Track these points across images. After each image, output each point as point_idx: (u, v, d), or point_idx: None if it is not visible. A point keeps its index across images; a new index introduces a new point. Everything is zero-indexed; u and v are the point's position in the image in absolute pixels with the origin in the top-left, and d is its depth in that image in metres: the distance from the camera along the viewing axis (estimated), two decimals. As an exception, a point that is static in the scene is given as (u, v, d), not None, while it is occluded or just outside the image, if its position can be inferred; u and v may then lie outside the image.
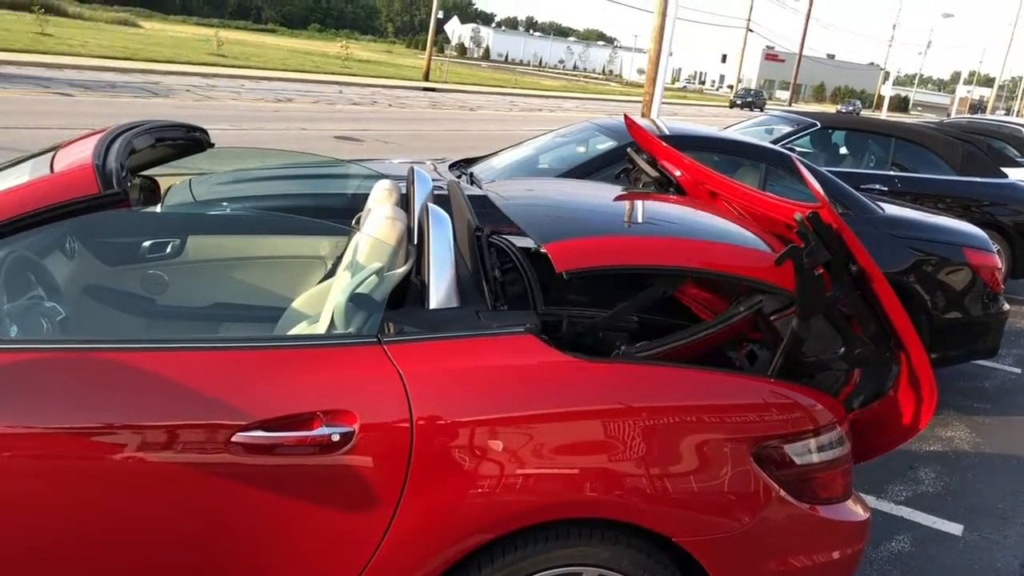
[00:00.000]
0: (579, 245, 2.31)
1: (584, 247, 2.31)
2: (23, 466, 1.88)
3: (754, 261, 2.42)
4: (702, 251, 2.42)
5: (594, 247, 2.32)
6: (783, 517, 2.21)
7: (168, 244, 3.38)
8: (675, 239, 2.48)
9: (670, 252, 2.37)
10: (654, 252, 2.36)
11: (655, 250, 2.37)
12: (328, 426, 1.97)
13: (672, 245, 2.42)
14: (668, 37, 13.09)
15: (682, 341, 2.45)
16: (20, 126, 11.44)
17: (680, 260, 2.35)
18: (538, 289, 2.63)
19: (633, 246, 2.38)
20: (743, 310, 2.55)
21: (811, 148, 8.61)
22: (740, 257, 2.43)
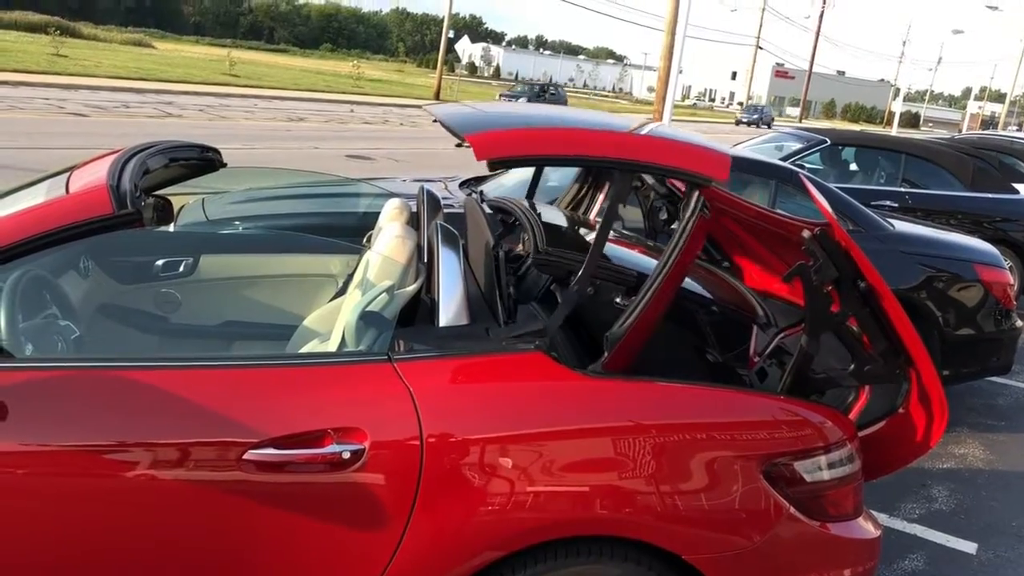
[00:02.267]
0: (500, 135, 2.27)
1: (505, 137, 2.27)
2: (38, 483, 1.90)
3: (679, 153, 2.37)
4: (625, 143, 2.38)
5: (515, 137, 2.28)
6: (793, 535, 2.20)
7: (181, 263, 3.41)
8: (601, 131, 2.44)
9: (594, 143, 2.33)
10: (578, 143, 2.31)
11: (579, 141, 2.33)
12: (339, 444, 1.98)
13: (597, 137, 2.38)
14: (678, 55, 13.14)
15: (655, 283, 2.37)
16: (36, 146, 11.56)
17: (602, 151, 2.30)
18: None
19: (556, 137, 2.34)
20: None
21: (821, 165, 8.61)
22: (665, 149, 2.38)
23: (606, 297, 2.99)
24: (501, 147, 2.17)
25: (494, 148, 2.14)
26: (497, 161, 2.14)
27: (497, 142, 2.19)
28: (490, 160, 2.13)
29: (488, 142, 2.16)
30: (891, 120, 58.38)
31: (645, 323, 2.22)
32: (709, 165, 2.32)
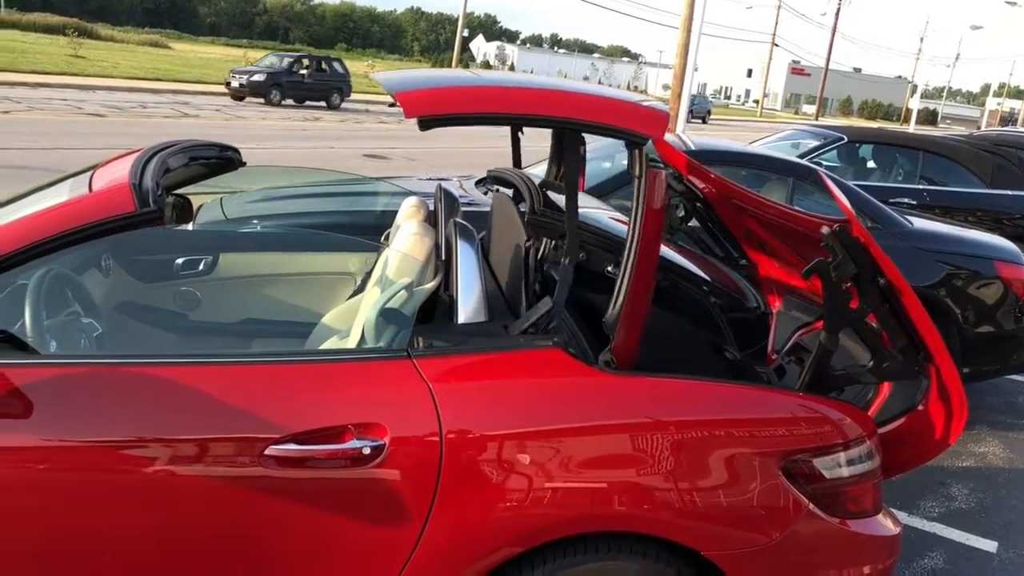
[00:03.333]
0: (429, 93, 2.24)
1: (434, 95, 2.23)
2: (62, 479, 1.92)
3: (613, 110, 2.32)
4: (557, 99, 2.33)
5: (444, 95, 2.24)
6: (813, 531, 2.20)
7: (201, 261, 3.44)
8: (533, 88, 2.40)
9: (525, 100, 2.29)
10: (509, 101, 2.27)
11: (510, 99, 2.29)
12: (359, 439, 1.99)
13: (529, 94, 2.34)
14: (693, 52, 13.11)
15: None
16: (55, 147, 11.66)
17: (534, 109, 2.25)
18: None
19: (487, 95, 2.30)
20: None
21: (838, 162, 8.56)
22: (598, 106, 2.32)
23: (598, 266, 2.99)
24: (430, 105, 2.12)
25: (423, 106, 2.10)
26: (427, 119, 2.08)
27: (426, 100, 2.15)
28: (419, 119, 2.08)
29: (416, 100, 2.12)
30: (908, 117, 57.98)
31: (637, 300, 2.19)
32: (644, 122, 2.25)
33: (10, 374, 1.94)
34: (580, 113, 2.24)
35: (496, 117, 2.20)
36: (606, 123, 2.23)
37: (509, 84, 2.40)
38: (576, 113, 2.23)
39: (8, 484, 1.90)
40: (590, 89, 2.46)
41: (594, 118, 2.23)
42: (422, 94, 2.19)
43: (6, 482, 1.90)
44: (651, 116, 2.29)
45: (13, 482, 1.91)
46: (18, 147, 11.31)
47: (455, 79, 2.43)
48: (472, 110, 2.17)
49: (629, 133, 2.22)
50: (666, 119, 2.30)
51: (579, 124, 2.24)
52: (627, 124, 2.23)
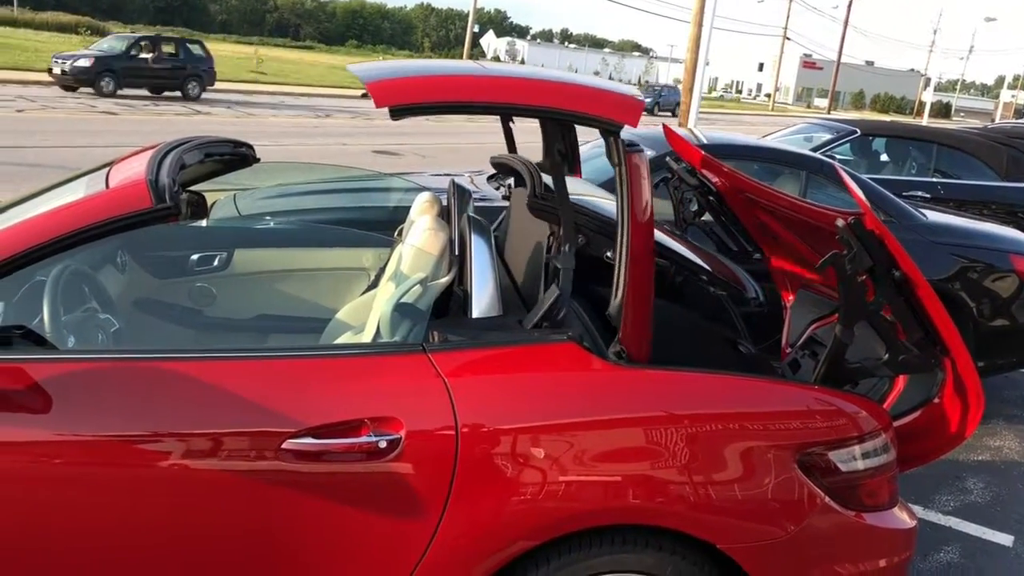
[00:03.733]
0: (399, 82, 2.22)
1: (404, 84, 2.22)
2: (81, 473, 1.93)
3: (586, 98, 2.29)
4: (528, 88, 2.30)
5: (414, 84, 2.23)
6: (828, 524, 2.20)
7: (215, 257, 3.46)
8: (502, 77, 2.38)
9: (496, 89, 2.27)
10: (480, 89, 2.26)
11: (482, 87, 2.27)
12: (375, 433, 2.00)
13: (500, 83, 2.32)
14: (704, 47, 13.07)
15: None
16: (69, 145, 11.73)
17: (506, 98, 2.23)
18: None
19: (458, 83, 2.29)
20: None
21: (851, 156, 8.53)
22: (571, 94, 2.29)
23: (597, 252, 2.98)
24: (400, 94, 2.11)
25: (392, 95, 2.09)
26: (397, 109, 2.07)
27: (395, 89, 2.14)
28: (390, 108, 2.07)
29: (386, 89, 2.11)
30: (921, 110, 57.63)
31: (637, 288, 2.18)
32: (618, 110, 2.23)
33: (29, 369, 1.96)
34: (551, 101, 2.22)
35: (467, 106, 2.19)
36: (578, 111, 2.21)
37: (481, 73, 2.39)
38: (547, 101, 2.22)
39: (27, 478, 1.92)
40: (564, 77, 2.43)
41: (566, 106, 2.21)
42: (392, 83, 2.17)
43: (25, 476, 1.92)
44: (624, 103, 2.26)
45: (32, 476, 1.92)
46: (33, 145, 11.38)
47: (427, 68, 2.42)
48: (443, 99, 2.16)
49: (602, 121, 2.20)
50: (640, 107, 2.27)
51: (551, 112, 2.23)
52: (599, 112, 2.21)
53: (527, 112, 2.22)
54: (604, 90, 2.36)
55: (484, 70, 2.43)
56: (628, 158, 2.21)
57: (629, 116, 2.22)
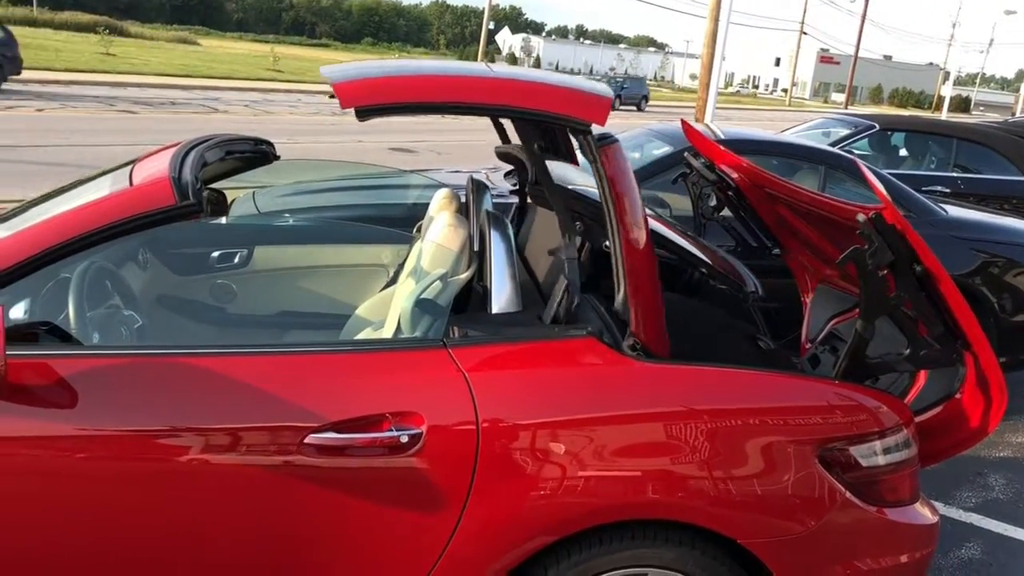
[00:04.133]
0: (364, 83, 2.23)
1: (369, 85, 2.22)
2: (107, 467, 1.95)
3: (552, 97, 2.27)
4: (493, 87, 2.30)
5: (380, 85, 2.23)
6: (850, 520, 2.20)
7: (236, 254, 3.48)
8: (467, 77, 2.37)
9: (462, 89, 2.27)
10: (445, 89, 2.25)
11: (446, 87, 2.27)
12: (397, 428, 2.01)
13: (464, 82, 2.32)
14: (721, 42, 13.01)
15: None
16: (89, 143, 11.82)
17: (471, 97, 2.23)
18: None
19: (423, 83, 2.29)
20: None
21: (870, 151, 8.47)
22: (537, 93, 2.29)
23: (597, 243, 2.98)
24: (365, 95, 2.12)
25: (358, 96, 2.09)
26: (363, 110, 2.07)
27: (361, 90, 2.14)
28: (356, 109, 2.08)
29: (352, 91, 2.12)
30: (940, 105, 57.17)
31: (639, 278, 2.18)
32: (585, 109, 2.21)
33: (55, 364, 1.98)
34: (517, 100, 2.22)
35: (433, 106, 2.20)
36: (543, 110, 2.21)
37: (447, 73, 2.38)
38: (512, 101, 2.22)
39: (52, 473, 1.94)
40: (531, 76, 2.43)
41: (531, 105, 2.21)
42: (357, 84, 2.18)
43: (50, 471, 1.94)
44: (591, 102, 2.25)
45: (57, 471, 1.94)
46: (53, 144, 11.48)
47: (395, 69, 2.43)
48: (408, 99, 2.17)
49: (568, 120, 2.20)
50: (608, 104, 2.25)
51: (516, 111, 2.23)
52: (565, 111, 2.21)
53: (492, 111, 2.24)
54: (570, 88, 2.35)
55: (451, 70, 2.44)
56: (602, 153, 2.21)
57: (595, 114, 2.21)
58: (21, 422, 1.92)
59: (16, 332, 2.00)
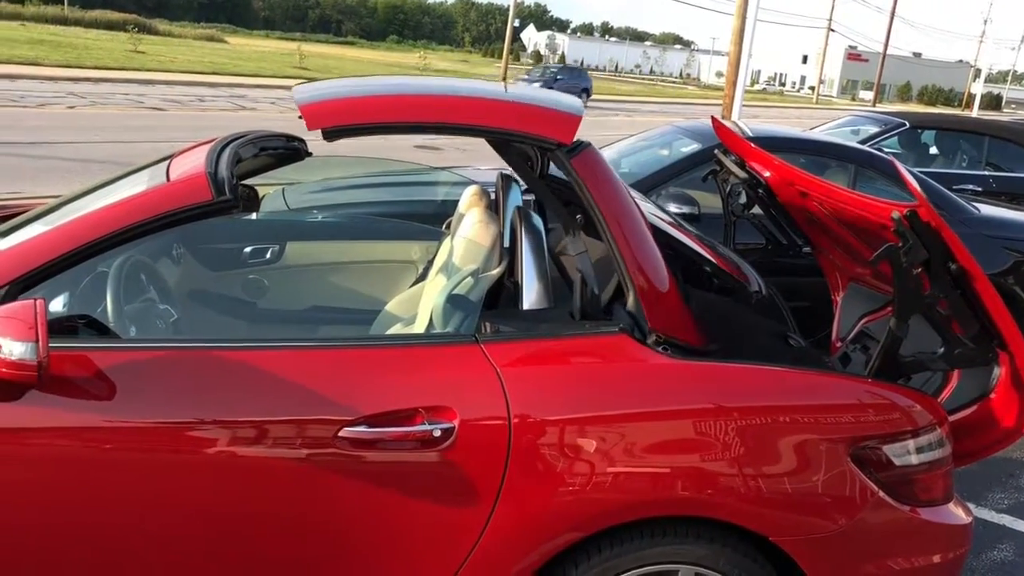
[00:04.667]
0: (329, 105, 2.25)
1: (334, 106, 2.25)
2: (144, 459, 1.98)
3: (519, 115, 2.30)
4: (461, 108, 2.32)
5: (345, 106, 2.26)
6: (882, 519, 2.18)
7: (268, 250, 3.51)
8: (437, 96, 2.39)
9: (428, 110, 2.29)
10: (412, 109, 2.28)
11: (413, 107, 2.29)
12: (430, 422, 2.03)
13: (432, 102, 2.34)
14: (748, 39, 12.93)
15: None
16: (119, 140, 11.96)
17: (437, 117, 2.25)
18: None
19: (389, 104, 2.31)
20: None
21: (899, 149, 8.40)
22: (503, 112, 2.31)
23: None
24: (331, 116, 2.14)
25: (324, 118, 2.12)
26: (330, 131, 2.10)
27: (326, 112, 2.17)
28: (323, 130, 2.10)
29: (318, 112, 2.14)
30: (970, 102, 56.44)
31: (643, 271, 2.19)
32: (550, 127, 2.23)
33: (93, 357, 2.01)
34: (485, 120, 2.26)
35: (399, 126, 2.23)
36: (511, 129, 2.25)
37: (413, 92, 2.42)
38: (480, 120, 2.26)
39: (90, 462, 1.97)
40: (498, 94, 2.45)
41: (499, 124, 2.25)
42: (323, 106, 2.22)
43: (88, 461, 1.97)
44: (557, 119, 2.27)
45: (95, 461, 1.97)
46: (83, 141, 11.62)
47: (361, 89, 2.45)
48: (375, 120, 2.21)
49: (532, 138, 2.23)
50: (577, 122, 2.26)
51: (484, 131, 2.27)
52: (529, 129, 2.23)
53: (458, 131, 2.27)
54: (535, 106, 2.36)
55: (418, 88, 2.46)
56: (574, 164, 2.22)
57: (561, 132, 2.23)
58: (62, 413, 1.95)
59: (56, 325, 2.03)
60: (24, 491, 1.96)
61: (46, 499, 1.97)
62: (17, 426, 1.94)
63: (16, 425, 1.94)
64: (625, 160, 5.60)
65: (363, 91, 2.39)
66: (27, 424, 1.94)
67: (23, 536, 1.99)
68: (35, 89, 17.63)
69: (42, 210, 2.55)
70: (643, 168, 5.18)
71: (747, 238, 3.92)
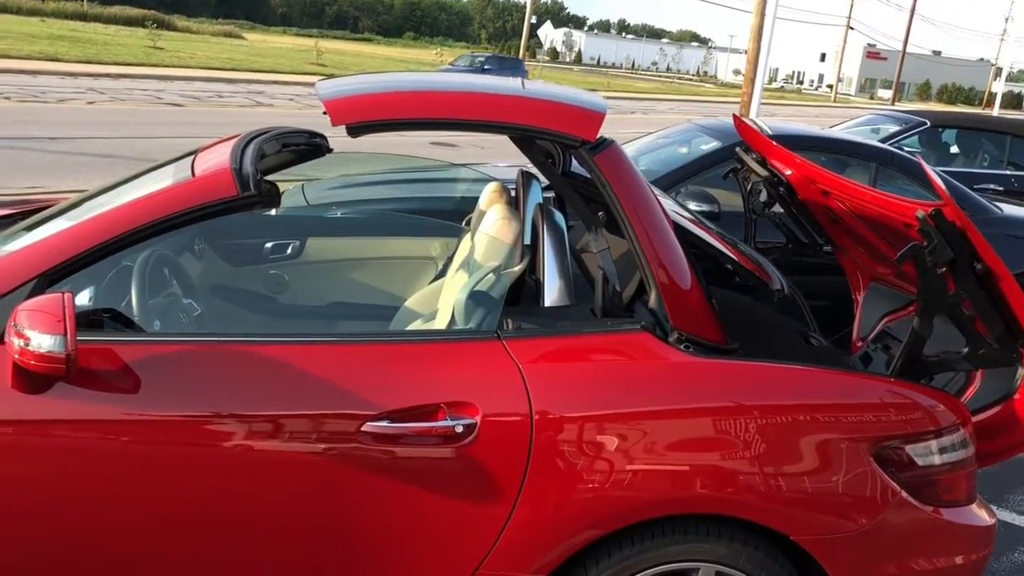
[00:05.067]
0: (354, 100, 2.26)
1: (359, 102, 2.25)
2: (168, 452, 2.00)
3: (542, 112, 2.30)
4: (485, 104, 2.33)
5: (370, 102, 2.26)
6: (905, 519, 2.18)
7: (288, 246, 3.53)
8: (460, 93, 2.39)
9: (452, 106, 2.30)
10: (435, 106, 2.29)
11: (437, 104, 2.30)
12: (452, 418, 2.03)
13: (453, 99, 2.35)
14: (767, 36, 12.88)
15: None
16: (138, 136, 12.03)
17: (461, 114, 2.26)
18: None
19: (413, 100, 2.32)
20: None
21: (920, 148, 8.34)
22: (526, 108, 2.32)
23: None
24: (355, 112, 2.14)
25: (349, 114, 2.12)
26: (354, 127, 2.11)
27: (350, 108, 2.17)
28: (347, 127, 2.11)
29: (342, 108, 2.15)
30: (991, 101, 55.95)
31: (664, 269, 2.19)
32: (573, 124, 2.23)
33: (120, 350, 2.02)
34: (509, 117, 2.26)
35: (424, 122, 2.25)
36: (535, 126, 2.25)
37: (437, 89, 2.41)
38: (504, 117, 2.26)
39: (115, 456, 1.98)
40: (529, 91, 2.45)
41: (523, 121, 2.25)
42: (348, 102, 2.22)
43: (113, 454, 1.98)
44: (580, 116, 2.26)
45: (120, 454, 1.98)
46: (104, 136, 11.70)
47: (385, 85, 2.45)
48: (400, 116, 2.22)
49: (560, 136, 2.22)
50: (600, 119, 2.25)
51: (508, 128, 2.27)
52: (557, 127, 2.23)
53: (483, 128, 2.27)
54: (561, 103, 2.36)
55: (441, 85, 2.45)
56: (597, 161, 2.22)
57: (586, 130, 2.23)
58: (89, 406, 1.97)
59: (83, 318, 2.05)
60: (53, 483, 1.98)
61: (74, 491, 1.99)
62: (46, 418, 1.96)
63: (45, 417, 1.95)
64: (644, 158, 5.58)
65: (387, 87, 2.39)
66: (56, 416, 1.96)
67: (51, 528, 2.00)
68: (55, 85, 17.75)
69: (67, 205, 2.58)
70: (662, 165, 5.17)
71: (767, 236, 3.91)
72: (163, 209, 2.11)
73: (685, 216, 3.10)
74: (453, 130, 2.29)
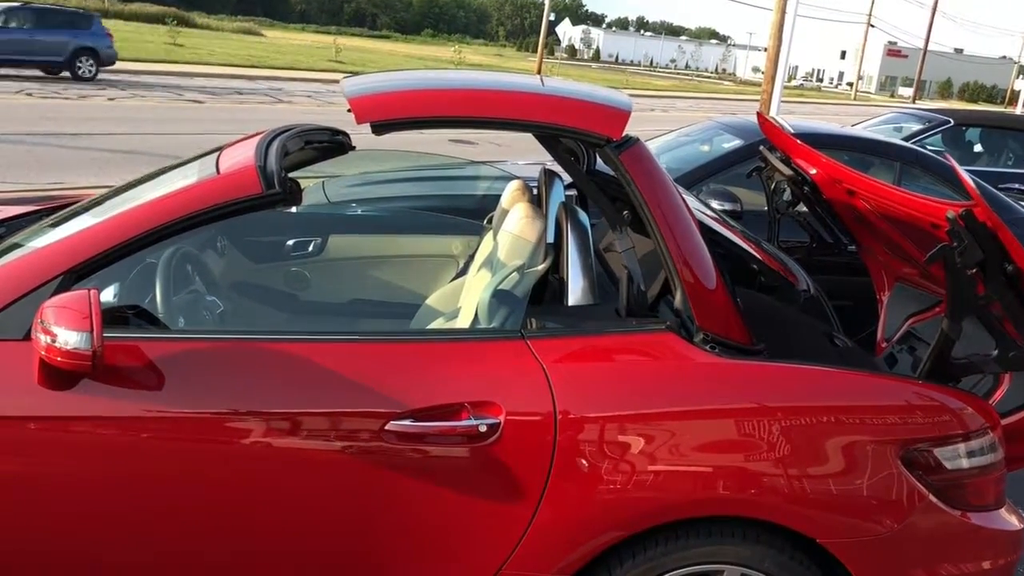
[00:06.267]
0: (380, 98, 2.25)
1: (385, 99, 2.24)
2: (189, 448, 2.00)
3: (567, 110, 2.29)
4: (507, 102, 2.33)
5: (396, 99, 2.26)
6: (932, 523, 2.15)
7: (310, 243, 3.53)
8: (486, 91, 2.38)
9: (478, 104, 2.29)
10: (461, 104, 2.28)
11: (462, 102, 2.29)
12: (475, 417, 2.03)
13: (477, 96, 2.33)
14: (788, 34, 12.79)
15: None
16: (160, 132, 12.10)
17: (487, 112, 2.26)
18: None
19: (439, 98, 2.31)
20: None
21: (943, 146, 8.26)
22: (552, 107, 2.31)
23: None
24: (381, 110, 2.14)
25: (374, 111, 2.12)
26: (379, 124, 2.10)
27: (377, 105, 2.16)
28: (372, 124, 2.10)
29: (368, 106, 2.14)
30: (1014, 99, 55.38)
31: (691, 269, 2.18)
32: (598, 122, 2.21)
33: (145, 347, 2.03)
34: (534, 115, 2.25)
35: (449, 120, 2.24)
36: (561, 124, 2.23)
37: (462, 87, 2.40)
38: (530, 115, 2.25)
39: (140, 452, 1.99)
40: (553, 89, 2.43)
41: (549, 119, 2.24)
42: (372, 99, 2.22)
43: (139, 450, 1.99)
44: (605, 114, 2.25)
45: (145, 450, 1.99)
46: (125, 132, 11.78)
47: (410, 83, 2.43)
48: (425, 114, 2.22)
49: (586, 134, 2.21)
50: (626, 117, 2.24)
51: (533, 126, 2.26)
52: (582, 125, 2.21)
53: (508, 126, 2.26)
54: (585, 101, 2.34)
55: (465, 83, 2.44)
56: (623, 160, 2.21)
57: (611, 128, 2.22)
58: (114, 402, 1.97)
59: (108, 315, 2.06)
60: (79, 479, 1.99)
61: (100, 488, 1.99)
62: (72, 414, 1.96)
63: (71, 413, 1.96)
64: (665, 155, 5.55)
65: (411, 85, 2.39)
66: (81, 413, 1.96)
67: (75, 524, 2.01)
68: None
69: (91, 201, 2.58)
70: (684, 163, 5.14)
71: (792, 235, 3.88)
72: (188, 206, 2.11)
73: (710, 215, 3.08)
74: (478, 128, 2.28)
